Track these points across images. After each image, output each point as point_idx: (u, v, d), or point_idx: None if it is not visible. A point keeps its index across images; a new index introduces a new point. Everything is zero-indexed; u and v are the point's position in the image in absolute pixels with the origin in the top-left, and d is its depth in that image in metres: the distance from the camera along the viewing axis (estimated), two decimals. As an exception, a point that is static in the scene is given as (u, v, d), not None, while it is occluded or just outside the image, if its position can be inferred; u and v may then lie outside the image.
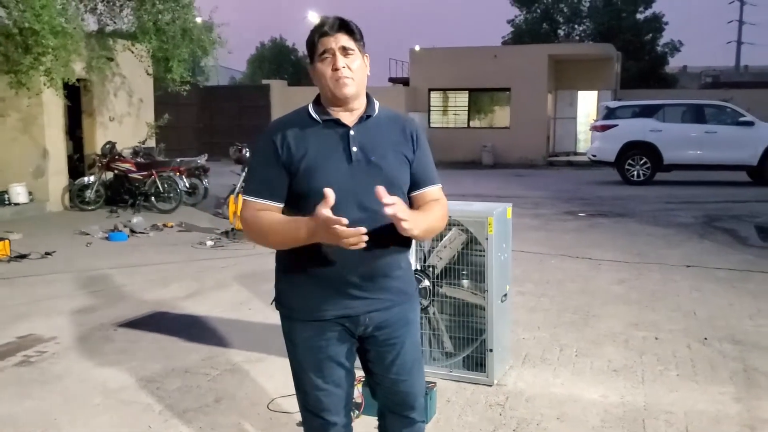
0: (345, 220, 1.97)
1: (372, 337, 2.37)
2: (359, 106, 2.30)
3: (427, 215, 2.29)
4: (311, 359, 2.35)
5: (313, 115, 2.29)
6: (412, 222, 2.07)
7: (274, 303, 2.43)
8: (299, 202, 2.24)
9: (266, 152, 2.27)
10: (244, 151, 11.61)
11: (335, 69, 2.21)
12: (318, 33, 2.23)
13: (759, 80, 35.99)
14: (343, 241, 2.00)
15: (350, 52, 2.23)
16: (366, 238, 2.00)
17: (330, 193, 2.00)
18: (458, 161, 23.83)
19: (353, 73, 2.23)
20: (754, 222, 10.45)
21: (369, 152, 2.26)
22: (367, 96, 2.35)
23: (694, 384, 4.19)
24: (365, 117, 2.30)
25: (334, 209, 2.05)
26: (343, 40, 2.22)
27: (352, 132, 2.26)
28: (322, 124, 2.28)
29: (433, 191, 2.40)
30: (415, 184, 2.37)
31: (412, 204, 2.39)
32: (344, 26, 2.23)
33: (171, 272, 7.43)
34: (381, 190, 2.01)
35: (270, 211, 2.25)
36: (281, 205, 2.28)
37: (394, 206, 2.00)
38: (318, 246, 2.19)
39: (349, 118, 2.28)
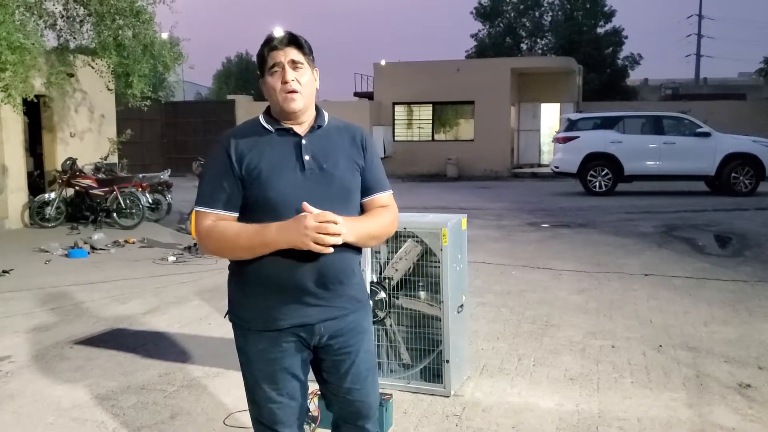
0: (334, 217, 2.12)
1: (327, 346, 2.38)
2: (308, 118, 2.35)
3: (367, 222, 2.34)
4: (265, 371, 2.35)
5: (265, 125, 2.33)
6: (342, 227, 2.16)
7: (227, 315, 2.43)
8: (253, 211, 2.26)
9: (220, 163, 2.28)
10: (207, 166, 11.53)
11: (284, 82, 2.25)
12: (268, 47, 2.28)
13: (717, 92, 36.81)
14: (317, 234, 2.08)
15: (299, 65, 2.28)
16: (339, 234, 2.12)
17: (308, 208, 2.12)
18: (423, 174, 23.96)
19: (302, 87, 2.28)
20: (713, 231, 10.65)
21: (321, 160, 2.29)
22: (317, 108, 2.39)
23: (647, 391, 4.26)
24: (316, 127, 2.34)
25: (289, 216, 2.17)
26: (293, 53, 2.27)
27: (304, 141, 2.30)
28: (274, 134, 2.31)
29: (383, 197, 2.43)
30: (366, 190, 2.40)
31: (362, 210, 2.42)
32: (293, 40, 2.28)
33: (131, 288, 7.35)
34: (305, 206, 2.13)
35: (225, 220, 2.26)
36: (235, 215, 2.29)
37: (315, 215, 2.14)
38: (272, 255, 2.21)
39: (299, 128, 2.33)
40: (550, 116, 26.67)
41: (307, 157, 2.28)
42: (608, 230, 10.97)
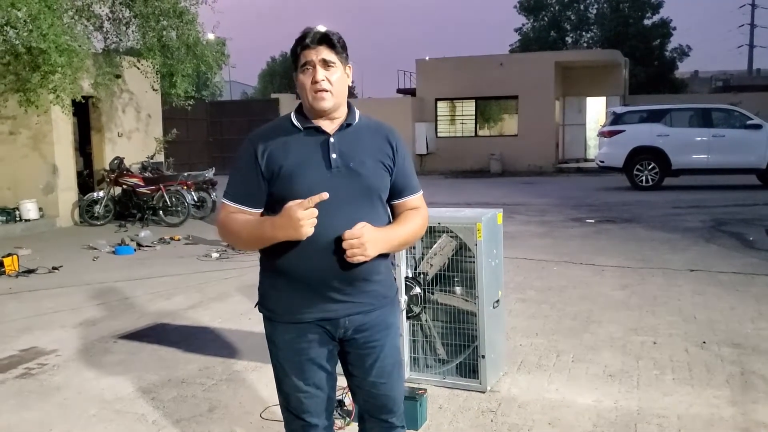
0: (321, 196, 2.12)
1: (352, 340, 2.41)
2: (340, 115, 2.36)
3: (398, 229, 2.38)
4: (292, 361, 2.40)
5: (295, 122, 2.35)
6: (369, 247, 2.20)
7: (257, 306, 2.47)
8: (279, 207, 2.27)
9: (247, 160, 2.33)
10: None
11: (315, 81, 2.26)
12: (300, 45, 2.29)
13: (770, 83, 35.76)
14: (302, 224, 2.11)
15: (331, 64, 2.28)
16: (314, 221, 2.14)
17: (315, 199, 2.12)
18: (466, 170, 23.82)
19: (332, 85, 2.28)
20: (763, 225, 10.35)
21: (348, 159, 2.31)
22: (348, 105, 2.40)
23: (689, 388, 4.17)
24: (345, 125, 2.35)
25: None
26: (324, 53, 2.27)
27: (332, 139, 2.32)
28: (303, 132, 2.33)
29: (414, 200, 2.47)
30: (398, 193, 2.43)
31: (393, 212, 2.46)
32: (325, 39, 2.27)
33: (175, 284, 7.48)
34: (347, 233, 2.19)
35: (244, 214, 2.33)
36: (257, 211, 2.35)
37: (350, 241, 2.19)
38: (300, 250, 2.25)
39: (329, 126, 2.34)
40: (596, 110, 26.25)
41: (334, 156, 2.30)
42: (654, 225, 10.77)
